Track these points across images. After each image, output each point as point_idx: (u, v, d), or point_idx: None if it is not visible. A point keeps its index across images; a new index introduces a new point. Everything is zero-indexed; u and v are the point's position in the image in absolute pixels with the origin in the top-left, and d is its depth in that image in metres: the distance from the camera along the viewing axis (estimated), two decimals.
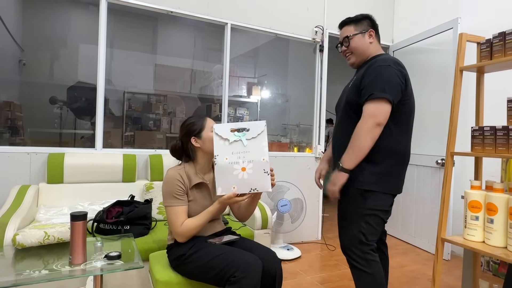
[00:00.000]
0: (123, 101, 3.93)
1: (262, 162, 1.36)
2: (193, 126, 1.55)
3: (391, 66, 1.44)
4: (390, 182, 1.50)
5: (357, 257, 1.50)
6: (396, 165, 1.50)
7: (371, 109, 1.39)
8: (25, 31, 3.48)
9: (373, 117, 1.38)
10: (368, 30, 1.58)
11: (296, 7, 3.39)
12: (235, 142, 1.38)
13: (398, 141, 1.49)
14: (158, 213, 2.41)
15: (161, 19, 4.00)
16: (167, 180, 1.48)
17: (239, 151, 1.38)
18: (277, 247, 2.87)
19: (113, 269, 1.27)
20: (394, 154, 1.49)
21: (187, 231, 1.45)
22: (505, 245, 1.41)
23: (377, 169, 1.46)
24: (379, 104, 1.39)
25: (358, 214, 1.49)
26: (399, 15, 3.89)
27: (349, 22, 1.60)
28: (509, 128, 1.42)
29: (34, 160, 2.40)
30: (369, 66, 1.49)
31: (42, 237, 1.55)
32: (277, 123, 4.66)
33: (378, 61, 1.49)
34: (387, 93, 1.39)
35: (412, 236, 3.35)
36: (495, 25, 2.78)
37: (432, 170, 3.13)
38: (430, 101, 3.22)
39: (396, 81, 1.42)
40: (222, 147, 1.39)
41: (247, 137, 1.39)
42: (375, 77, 1.43)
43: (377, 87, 1.40)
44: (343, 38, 1.61)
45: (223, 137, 1.39)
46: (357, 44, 1.57)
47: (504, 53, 1.49)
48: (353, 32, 1.58)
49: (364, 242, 1.49)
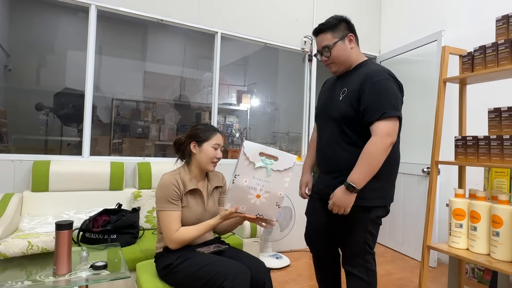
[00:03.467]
0: (112, 108, 3.90)
1: (278, 196, 1.37)
2: (200, 133, 1.56)
3: (390, 79, 1.40)
4: (390, 193, 1.52)
5: (358, 265, 1.50)
6: (393, 176, 1.52)
7: (386, 129, 1.33)
8: (11, 36, 3.44)
9: (389, 137, 1.34)
10: (348, 34, 1.49)
11: (285, 17, 3.44)
12: (260, 169, 1.35)
13: (396, 153, 1.48)
14: (146, 221, 2.38)
15: (151, 26, 4.00)
16: (162, 185, 1.48)
17: (261, 178, 1.35)
18: (266, 256, 2.86)
19: (98, 279, 1.25)
20: (392, 165, 1.48)
21: (181, 239, 1.43)
22: (488, 252, 1.44)
23: (378, 184, 1.43)
24: (392, 122, 1.35)
25: (363, 227, 1.48)
26: (386, 26, 3.99)
27: (325, 29, 1.48)
28: (490, 138, 1.46)
29: (19, 168, 2.35)
30: (365, 79, 1.41)
31: (26, 247, 1.51)
32: (267, 131, 4.69)
33: (374, 73, 1.41)
34: (398, 111, 1.37)
35: (399, 243, 3.38)
36: (478, 37, 2.87)
37: (418, 179, 3.19)
38: (416, 111, 3.29)
39: (399, 96, 1.42)
40: (245, 169, 1.34)
41: (273, 168, 1.35)
42: (381, 94, 1.36)
43: (387, 105, 1.35)
44: (322, 47, 1.50)
45: (250, 159, 1.34)
46: (339, 53, 1.48)
47: (484, 66, 1.54)
48: (332, 40, 1.47)
49: (369, 251, 1.51)
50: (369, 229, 1.49)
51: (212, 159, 1.54)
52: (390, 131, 1.34)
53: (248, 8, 3.25)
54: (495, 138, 1.44)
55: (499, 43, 1.48)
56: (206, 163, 1.54)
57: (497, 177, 1.76)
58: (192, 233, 1.45)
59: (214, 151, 1.54)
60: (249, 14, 3.26)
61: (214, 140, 1.55)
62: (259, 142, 2.19)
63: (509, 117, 1.46)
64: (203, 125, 1.61)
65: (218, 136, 1.56)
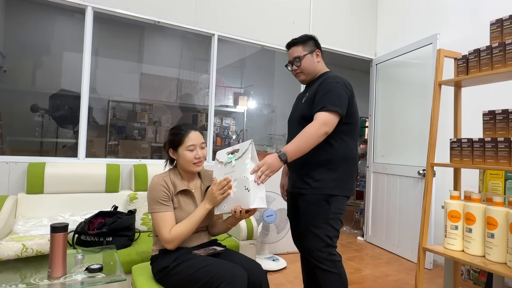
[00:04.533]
0: (108, 109, 3.88)
1: (243, 179, 1.38)
2: (173, 137, 1.53)
3: (340, 83, 1.59)
4: (348, 186, 1.64)
5: (324, 260, 1.57)
6: (351, 170, 1.66)
7: (324, 118, 1.50)
8: (7, 37, 3.42)
9: (325, 126, 1.49)
10: (315, 50, 1.72)
11: (282, 20, 3.46)
12: (228, 164, 1.46)
13: (351, 149, 1.64)
14: (142, 224, 2.36)
15: (148, 28, 4.00)
16: (151, 187, 1.48)
17: (229, 171, 1.45)
18: (262, 258, 2.86)
19: (94, 282, 1.23)
20: (348, 161, 1.63)
21: (175, 237, 1.42)
22: (483, 253, 1.45)
23: (336, 175, 1.59)
24: (330, 115, 1.51)
25: (324, 219, 1.58)
26: (381, 29, 4.02)
27: (297, 43, 1.72)
28: (485, 141, 1.47)
29: (13, 170, 2.33)
30: (321, 83, 1.62)
31: (20, 250, 1.49)
32: (263, 133, 4.70)
33: (328, 78, 1.63)
34: (338, 107, 1.52)
35: (395, 245, 3.39)
36: (473, 41, 2.90)
37: (414, 181, 3.20)
38: (412, 113, 3.31)
39: (344, 96, 1.57)
40: (218, 171, 1.48)
41: (236, 157, 1.44)
42: (327, 92, 1.56)
43: (329, 101, 1.53)
44: (293, 58, 1.72)
45: (219, 160, 1.49)
46: (307, 64, 1.70)
47: (479, 69, 1.56)
48: (303, 52, 1.70)
49: (331, 245, 1.58)
50: (331, 222, 1.58)
51: (191, 161, 1.50)
52: (327, 121, 1.50)
53: (245, 11, 3.26)
54: (490, 140, 1.45)
55: (493, 47, 1.49)
56: (188, 166, 1.51)
57: (491, 179, 1.78)
58: (184, 226, 1.44)
59: (190, 153, 1.49)
60: (246, 16, 3.27)
61: (188, 141, 1.49)
62: (255, 144, 2.19)
63: (504, 119, 1.47)
64: (176, 128, 1.56)
65: (191, 136, 1.50)
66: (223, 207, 1.46)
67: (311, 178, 1.60)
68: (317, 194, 1.59)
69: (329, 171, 1.59)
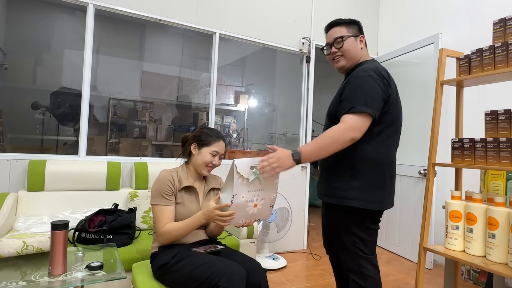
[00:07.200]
0: (109, 107, 3.88)
1: (272, 198, 1.43)
2: (203, 136, 1.59)
3: (373, 76, 1.34)
4: (372, 197, 1.37)
5: (355, 272, 1.44)
6: (375, 177, 1.39)
7: (352, 122, 1.29)
8: (8, 35, 3.41)
9: (352, 131, 1.28)
10: (359, 35, 1.50)
11: (284, 19, 3.45)
12: (253, 181, 1.35)
13: (381, 151, 1.39)
14: (142, 222, 2.37)
15: (149, 26, 3.99)
16: (158, 179, 1.53)
17: (256, 189, 1.37)
18: (262, 257, 2.86)
19: (94, 280, 1.24)
20: (372, 166, 1.38)
21: (168, 232, 1.46)
22: (484, 254, 1.44)
23: (356, 184, 1.36)
24: (360, 118, 1.30)
25: (347, 229, 1.42)
26: (383, 28, 4.01)
27: (341, 23, 1.50)
28: (487, 141, 1.47)
29: (14, 167, 2.33)
30: (352, 75, 1.40)
31: (20, 247, 1.50)
32: (264, 132, 4.69)
33: (360, 70, 1.40)
34: (369, 107, 1.29)
35: (396, 245, 3.39)
36: (475, 40, 2.89)
37: (415, 180, 3.20)
38: (413, 112, 3.30)
39: (378, 93, 1.33)
40: (241, 186, 1.33)
41: (264, 175, 1.36)
42: (356, 88, 1.34)
43: (359, 100, 1.30)
44: (334, 39, 1.48)
45: (244, 176, 1.33)
46: (351, 47, 1.47)
47: (481, 69, 1.55)
48: (346, 33, 1.47)
49: (361, 256, 1.42)
50: (355, 232, 1.40)
51: (207, 163, 1.57)
52: (354, 125, 1.29)
53: (246, 9, 3.26)
54: (492, 140, 1.45)
55: (496, 46, 1.49)
56: (201, 166, 1.58)
57: (493, 180, 1.77)
58: (178, 227, 1.46)
59: (211, 157, 1.57)
60: (247, 15, 3.26)
61: (214, 147, 1.58)
62: (256, 143, 2.19)
63: (506, 120, 1.47)
64: (209, 129, 1.63)
65: (219, 144, 1.59)
66: (239, 221, 1.42)
67: (330, 185, 1.43)
68: (334, 204, 1.40)
69: (350, 178, 1.37)
